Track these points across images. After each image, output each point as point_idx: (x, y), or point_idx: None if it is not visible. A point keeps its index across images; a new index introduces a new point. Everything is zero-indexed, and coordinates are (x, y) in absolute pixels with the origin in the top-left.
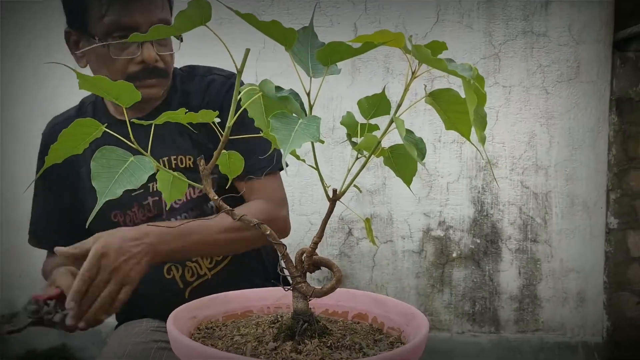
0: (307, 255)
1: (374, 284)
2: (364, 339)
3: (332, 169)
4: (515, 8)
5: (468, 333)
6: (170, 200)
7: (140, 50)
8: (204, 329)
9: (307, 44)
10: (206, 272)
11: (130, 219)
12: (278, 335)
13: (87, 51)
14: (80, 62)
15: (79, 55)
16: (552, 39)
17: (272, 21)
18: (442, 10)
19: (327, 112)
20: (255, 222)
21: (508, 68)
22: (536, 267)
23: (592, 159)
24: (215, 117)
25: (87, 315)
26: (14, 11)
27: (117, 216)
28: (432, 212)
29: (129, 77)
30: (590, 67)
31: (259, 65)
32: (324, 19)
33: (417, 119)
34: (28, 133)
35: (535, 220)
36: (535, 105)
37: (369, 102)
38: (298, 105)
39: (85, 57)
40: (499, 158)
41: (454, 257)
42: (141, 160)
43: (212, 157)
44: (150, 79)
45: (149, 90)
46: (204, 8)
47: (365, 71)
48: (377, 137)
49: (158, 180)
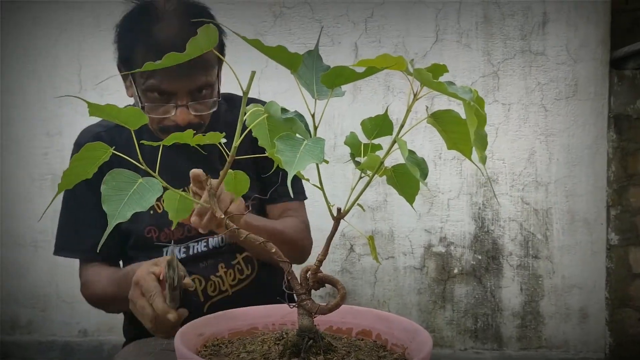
0: (312, 273)
1: (375, 300)
2: (369, 356)
3: (334, 186)
4: (513, 27)
5: (471, 350)
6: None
7: (175, 112)
8: (211, 346)
9: (312, 67)
10: (228, 289)
11: (166, 236)
12: (284, 352)
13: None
14: (127, 92)
15: (127, 85)
16: (550, 58)
17: (278, 46)
18: (440, 30)
19: (329, 130)
20: (261, 240)
21: (507, 86)
22: (538, 284)
23: (591, 176)
24: (221, 138)
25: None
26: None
27: (152, 231)
28: (433, 229)
29: (162, 128)
30: (588, 85)
31: (261, 84)
32: (325, 39)
33: (418, 136)
34: (30, 150)
35: (536, 237)
36: (535, 123)
37: (372, 122)
38: (303, 127)
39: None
40: (499, 174)
41: (455, 274)
42: (150, 181)
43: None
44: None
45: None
46: (212, 34)
47: (366, 89)
48: (379, 157)
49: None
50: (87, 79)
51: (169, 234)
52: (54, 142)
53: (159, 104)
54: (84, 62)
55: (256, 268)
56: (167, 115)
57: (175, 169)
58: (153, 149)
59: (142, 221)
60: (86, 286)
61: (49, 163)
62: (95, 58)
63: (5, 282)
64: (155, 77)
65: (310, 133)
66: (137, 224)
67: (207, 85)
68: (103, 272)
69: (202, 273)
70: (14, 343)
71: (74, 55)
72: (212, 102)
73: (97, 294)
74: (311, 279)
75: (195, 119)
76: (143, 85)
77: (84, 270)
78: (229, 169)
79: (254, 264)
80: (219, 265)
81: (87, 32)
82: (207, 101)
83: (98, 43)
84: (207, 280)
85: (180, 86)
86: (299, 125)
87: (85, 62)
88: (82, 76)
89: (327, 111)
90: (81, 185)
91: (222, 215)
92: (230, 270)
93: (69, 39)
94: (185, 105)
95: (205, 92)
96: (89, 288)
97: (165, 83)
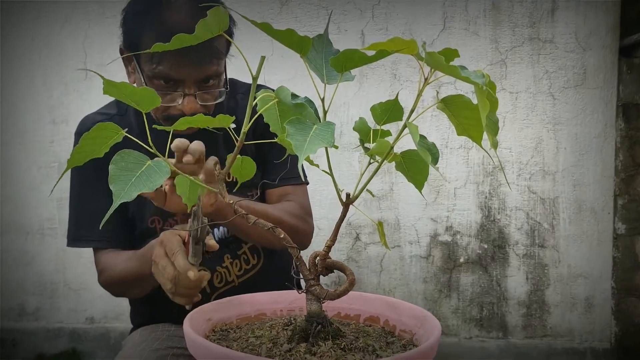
0: (321, 259)
1: (381, 289)
2: (377, 342)
3: (340, 174)
4: (521, 15)
5: (476, 338)
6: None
7: (182, 100)
8: (219, 330)
9: (321, 51)
10: (234, 279)
11: (170, 225)
12: (292, 337)
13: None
14: (130, 78)
15: (130, 71)
16: (559, 46)
17: (287, 30)
18: (448, 17)
19: (335, 117)
20: (270, 226)
21: (515, 74)
22: (544, 273)
23: (599, 165)
24: (232, 122)
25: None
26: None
27: (155, 222)
28: (439, 218)
29: (167, 117)
30: (596, 73)
31: (267, 72)
32: (332, 27)
33: (425, 124)
34: (35, 138)
35: (542, 226)
36: (542, 111)
37: (382, 108)
38: (312, 112)
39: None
40: (506, 163)
41: (461, 262)
42: (158, 163)
43: (227, 163)
44: None
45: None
46: (222, 17)
47: (373, 77)
48: (389, 142)
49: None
50: (92, 67)
51: (173, 224)
52: (60, 130)
53: (165, 91)
54: (89, 50)
55: (262, 257)
56: (172, 103)
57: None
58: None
59: (147, 211)
60: (105, 273)
61: (55, 151)
62: (100, 46)
63: (13, 270)
64: (164, 63)
65: (319, 118)
66: (142, 214)
67: (215, 74)
68: (121, 255)
69: (208, 264)
70: (21, 330)
71: (79, 44)
72: (218, 92)
73: (117, 277)
74: (320, 265)
75: (201, 108)
76: (150, 72)
77: (101, 258)
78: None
79: (259, 253)
80: (225, 256)
81: (92, 20)
82: (215, 91)
83: (103, 31)
84: (213, 272)
85: (189, 74)
86: (308, 111)
87: (90, 50)
88: (88, 64)
89: (333, 100)
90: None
91: (230, 201)
92: (236, 261)
93: (74, 27)
94: (192, 94)
95: (212, 81)
96: (108, 274)
97: (174, 70)
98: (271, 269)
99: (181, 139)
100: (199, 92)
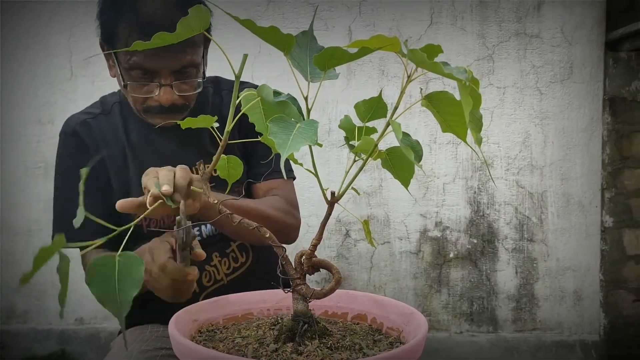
0: (307, 257)
1: (372, 285)
2: (364, 340)
3: (329, 171)
4: (508, 10)
5: (466, 333)
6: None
7: (159, 91)
8: (205, 331)
9: (306, 49)
10: (223, 277)
11: (156, 223)
12: (279, 336)
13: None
14: (110, 72)
15: (110, 64)
16: (545, 40)
17: (270, 27)
18: (435, 12)
19: (323, 115)
20: (254, 226)
21: (502, 69)
22: (533, 267)
23: (586, 159)
24: (214, 122)
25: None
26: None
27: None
28: (428, 213)
29: (146, 109)
30: (583, 67)
31: (255, 69)
32: (319, 23)
33: (413, 120)
34: (23, 138)
35: (531, 220)
36: (530, 106)
37: (366, 105)
38: (296, 110)
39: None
40: (495, 158)
41: (451, 258)
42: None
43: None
44: (169, 114)
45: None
46: (203, 15)
47: (361, 74)
48: (373, 139)
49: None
50: (78, 65)
51: (157, 222)
52: (46, 130)
53: (142, 82)
54: (75, 48)
55: (251, 255)
56: (150, 94)
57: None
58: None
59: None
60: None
61: (41, 151)
62: (86, 44)
63: (0, 272)
64: (138, 54)
65: (303, 116)
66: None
67: (191, 64)
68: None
69: (196, 263)
70: (10, 332)
71: (64, 42)
72: (197, 82)
73: None
74: (306, 264)
75: (179, 99)
76: (126, 64)
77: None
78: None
79: (248, 251)
80: (213, 254)
81: (78, 18)
82: (192, 81)
83: (89, 29)
84: (202, 271)
85: (164, 64)
86: (291, 109)
87: (76, 48)
88: (73, 62)
89: (321, 97)
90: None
91: (215, 201)
92: (224, 259)
93: (60, 25)
94: (169, 84)
95: (189, 71)
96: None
97: (148, 61)
98: (260, 267)
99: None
100: (175, 82)
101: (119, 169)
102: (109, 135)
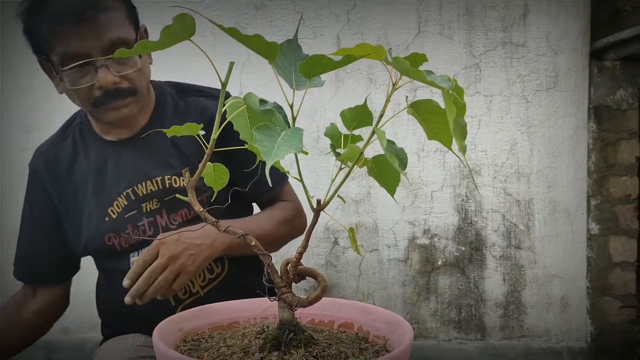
0: (292, 266)
1: (360, 293)
2: (350, 348)
3: (317, 179)
4: (494, 19)
5: (455, 340)
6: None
7: (97, 75)
8: (190, 340)
9: (291, 57)
10: (199, 290)
11: (125, 241)
12: (264, 345)
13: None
14: (58, 88)
15: (53, 76)
16: (531, 49)
17: (254, 35)
18: (423, 22)
19: (311, 122)
20: (240, 234)
21: (489, 78)
22: (520, 274)
23: (572, 166)
24: (199, 130)
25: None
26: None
27: (112, 238)
28: (417, 221)
29: (94, 102)
30: (568, 76)
31: (243, 77)
32: (307, 31)
33: (401, 128)
34: (8, 145)
35: (518, 227)
36: (516, 114)
37: (351, 113)
38: (281, 118)
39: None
40: (482, 166)
41: (439, 265)
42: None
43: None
44: (117, 101)
45: (118, 113)
46: (189, 23)
47: (349, 82)
48: (359, 147)
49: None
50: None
51: (127, 238)
52: (32, 138)
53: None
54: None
55: (226, 266)
56: (91, 82)
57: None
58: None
59: (100, 231)
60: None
61: (27, 159)
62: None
63: None
64: (61, 42)
65: (289, 124)
66: (93, 234)
67: (122, 42)
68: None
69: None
70: None
71: None
72: (132, 60)
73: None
74: (291, 272)
75: (121, 81)
76: (57, 59)
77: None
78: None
79: (223, 262)
80: None
81: None
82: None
83: None
84: None
85: (91, 45)
86: (277, 117)
87: None
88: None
89: (309, 104)
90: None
91: (200, 209)
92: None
93: None
94: (104, 65)
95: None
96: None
97: (73, 44)
98: (236, 278)
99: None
100: (109, 62)
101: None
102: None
